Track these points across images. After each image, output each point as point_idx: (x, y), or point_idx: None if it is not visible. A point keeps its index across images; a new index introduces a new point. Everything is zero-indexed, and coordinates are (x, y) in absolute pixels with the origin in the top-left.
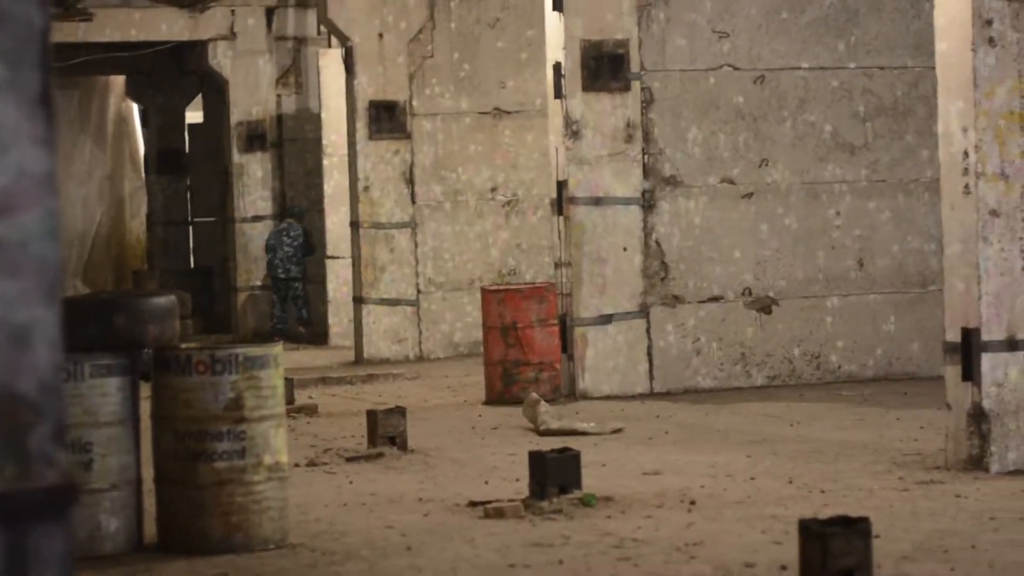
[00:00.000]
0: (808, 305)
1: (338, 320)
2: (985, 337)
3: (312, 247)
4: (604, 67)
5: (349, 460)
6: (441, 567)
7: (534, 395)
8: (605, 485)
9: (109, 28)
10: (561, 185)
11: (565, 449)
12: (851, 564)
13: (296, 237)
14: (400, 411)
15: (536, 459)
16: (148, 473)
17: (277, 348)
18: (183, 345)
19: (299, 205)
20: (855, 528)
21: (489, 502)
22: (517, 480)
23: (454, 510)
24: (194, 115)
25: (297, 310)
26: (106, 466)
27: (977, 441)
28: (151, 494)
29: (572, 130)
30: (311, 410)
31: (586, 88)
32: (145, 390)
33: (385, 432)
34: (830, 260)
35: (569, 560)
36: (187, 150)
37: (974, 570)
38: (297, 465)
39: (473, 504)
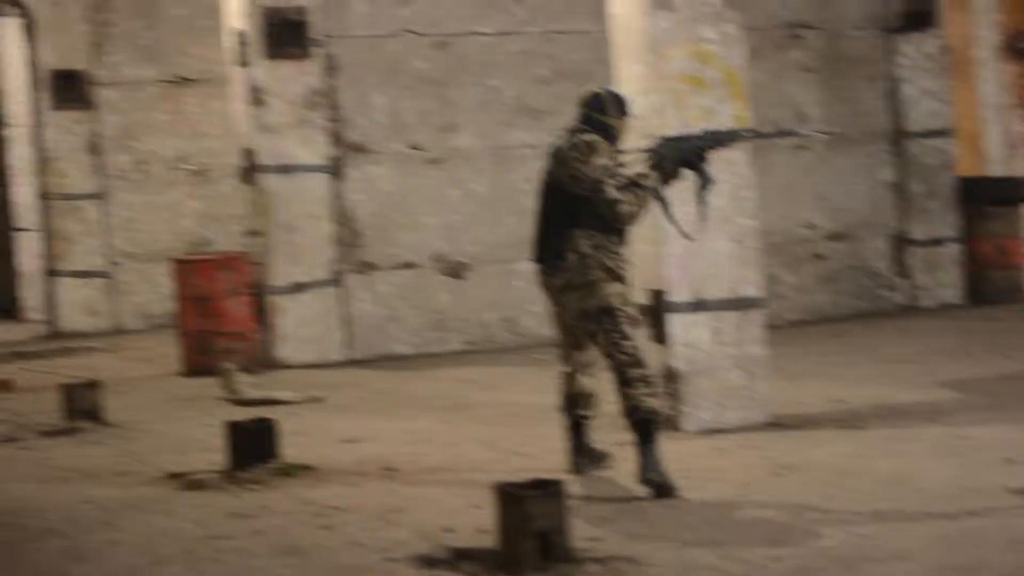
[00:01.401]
0: (500, 270)
1: (31, 294)
2: (672, 299)
3: None
4: (286, 34)
5: (45, 435)
6: (140, 540)
7: (230, 365)
8: (305, 454)
9: None
10: (248, 153)
11: (262, 419)
12: (547, 526)
13: None
14: (96, 384)
15: (233, 429)
16: None
17: None
18: None
19: None
20: (551, 490)
21: (188, 474)
22: (216, 451)
23: (153, 482)
24: None
25: None
26: None
27: (670, 402)
28: None
29: (256, 98)
30: (6, 385)
31: (269, 55)
32: None
33: (81, 406)
34: (520, 224)
35: (269, 529)
36: None
37: (668, 529)
38: None
39: (172, 476)
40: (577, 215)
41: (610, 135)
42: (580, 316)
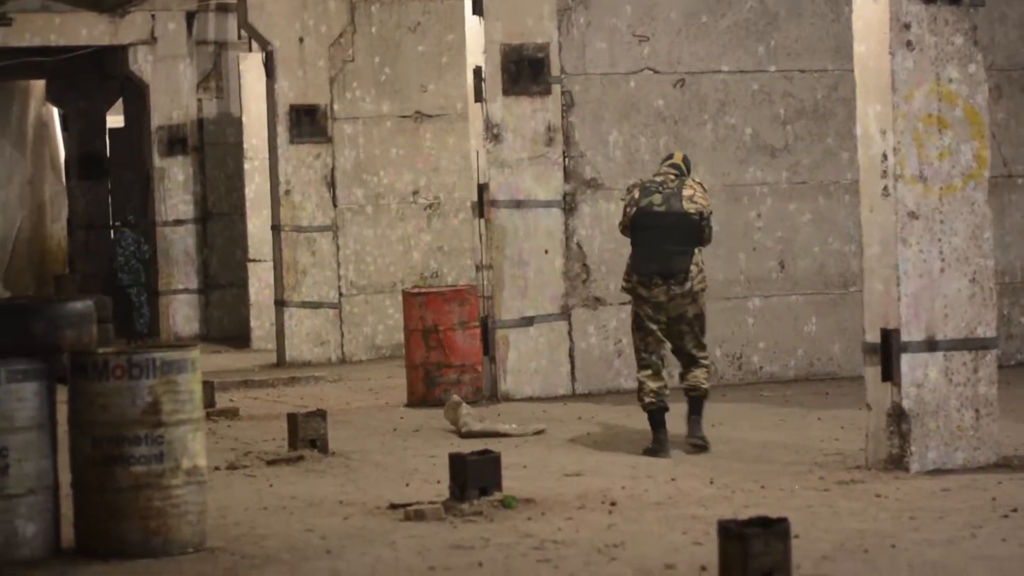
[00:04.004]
0: (730, 306)
1: (260, 323)
2: (904, 338)
3: (144, 254)
4: (524, 71)
5: (270, 463)
6: (361, 570)
7: (456, 397)
8: (526, 487)
9: (29, 33)
10: (482, 188)
11: (485, 451)
12: (770, 564)
13: (127, 247)
14: (321, 414)
15: (456, 461)
16: (65, 478)
17: (195, 352)
18: (100, 350)
19: (130, 215)
20: (774, 529)
21: (410, 504)
22: (438, 482)
23: (375, 513)
24: (115, 119)
25: (135, 319)
26: (23, 471)
27: (897, 441)
28: (69, 499)
29: (493, 133)
30: (232, 413)
31: (506, 92)
32: (62, 394)
33: (306, 435)
34: (751, 261)
35: (489, 562)
36: (108, 154)
37: (894, 569)
38: (217, 468)
39: (394, 507)
40: (694, 238)
41: None
42: (677, 320)
